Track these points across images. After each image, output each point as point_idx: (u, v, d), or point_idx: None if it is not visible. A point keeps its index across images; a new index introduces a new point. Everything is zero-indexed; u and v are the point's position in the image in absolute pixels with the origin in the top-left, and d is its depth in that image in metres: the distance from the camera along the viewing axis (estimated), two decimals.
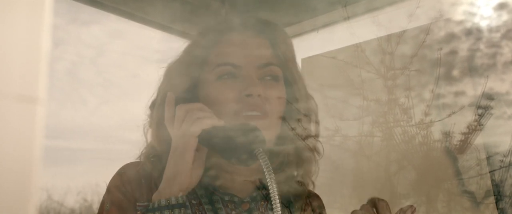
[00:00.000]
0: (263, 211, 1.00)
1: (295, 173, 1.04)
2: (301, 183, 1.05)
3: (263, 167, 0.84)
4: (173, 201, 0.86)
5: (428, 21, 1.31)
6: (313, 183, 1.08)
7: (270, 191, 0.83)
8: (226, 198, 0.98)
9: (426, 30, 1.31)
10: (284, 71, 1.02)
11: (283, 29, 1.07)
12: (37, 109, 0.50)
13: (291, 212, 1.02)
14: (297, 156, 1.03)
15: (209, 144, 0.90)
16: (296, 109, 1.02)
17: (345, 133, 1.47)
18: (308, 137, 1.04)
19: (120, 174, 0.98)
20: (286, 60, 1.03)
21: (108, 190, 0.96)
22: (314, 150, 1.05)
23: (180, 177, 0.88)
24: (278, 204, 0.82)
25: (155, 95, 1.04)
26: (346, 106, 1.48)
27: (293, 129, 1.03)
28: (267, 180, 0.83)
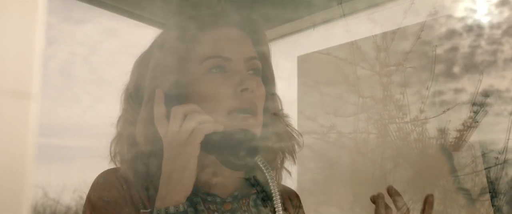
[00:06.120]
0: (245, 209, 0.98)
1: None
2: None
3: (266, 175, 0.84)
4: (181, 209, 0.85)
5: (428, 18, 1.31)
6: (289, 172, 1.07)
7: (273, 198, 0.84)
8: (209, 199, 0.96)
9: (423, 26, 1.31)
10: (263, 67, 1.01)
11: (261, 25, 1.06)
12: (30, 107, 0.50)
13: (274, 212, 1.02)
14: (270, 154, 1.00)
15: (206, 148, 0.89)
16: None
17: (340, 130, 1.47)
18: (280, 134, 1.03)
19: (100, 183, 0.94)
20: (265, 56, 1.02)
21: (90, 201, 0.92)
22: (285, 151, 1.04)
23: (184, 183, 0.86)
24: (281, 211, 0.84)
25: (131, 86, 0.99)
26: (341, 103, 1.48)
27: (287, 126, 1.02)
28: (271, 188, 0.84)
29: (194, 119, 0.87)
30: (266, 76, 1.03)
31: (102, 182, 0.94)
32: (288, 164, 1.05)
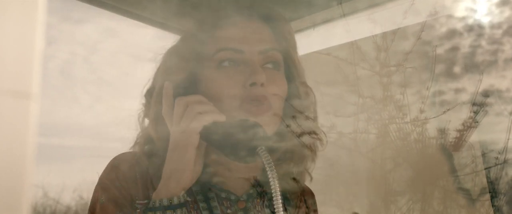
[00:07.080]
0: (259, 209, 0.96)
1: (293, 170, 1.01)
2: (296, 180, 1.03)
3: (265, 165, 0.82)
4: (175, 201, 0.83)
5: (429, 18, 1.30)
6: (310, 175, 1.05)
7: (272, 190, 0.81)
8: (223, 195, 0.94)
9: (423, 26, 1.31)
10: (285, 59, 0.98)
11: (284, 16, 1.02)
12: (30, 107, 0.50)
13: (286, 209, 1.01)
14: (293, 153, 0.99)
15: (209, 139, 0.87)
16: (291, 105, 0.98)
17: (340, 130, 1.47)
18: (303, 134, 1.01)
19: (114, 167, 0.93)
20: (288, 50, 0.99)
21: (101, 183, 0.92)
22: (310, 147, 1.02)
23: (181, 175, 0.84)
24: (280, 203, 0.81)
25: (150, 83, 0.99)
26: (341, 103, 1.48)
27: (288, 126, 1.01)
28: (269, 179, 0.81)
29: (195, 108, 0.85)
30: (290, 72, 0.99)
31: (117, 167, 0.92)
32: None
